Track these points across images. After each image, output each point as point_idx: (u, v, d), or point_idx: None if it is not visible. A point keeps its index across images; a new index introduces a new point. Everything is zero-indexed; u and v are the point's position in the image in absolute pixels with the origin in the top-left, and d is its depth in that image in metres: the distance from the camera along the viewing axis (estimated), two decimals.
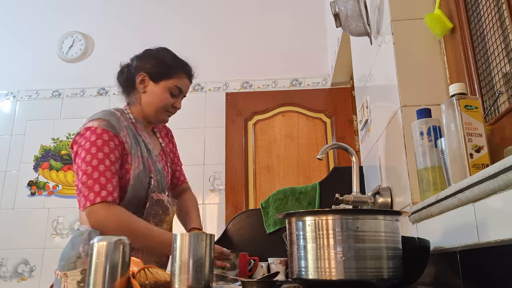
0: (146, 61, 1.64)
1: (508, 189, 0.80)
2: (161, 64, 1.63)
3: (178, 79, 1.64)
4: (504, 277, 0.79)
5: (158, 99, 1.62)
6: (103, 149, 1.45)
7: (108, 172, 1.43)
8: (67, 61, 4.05)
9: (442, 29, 1.44)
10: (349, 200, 1.66)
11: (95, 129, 1.47)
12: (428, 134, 1.25)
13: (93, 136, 1.46)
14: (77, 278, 1.40)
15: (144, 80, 1.62)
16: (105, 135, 1.47)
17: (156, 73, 1.61)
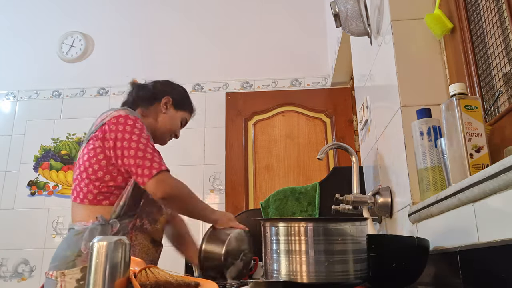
0: (172, 88, 1.86)
1: (508, 189, 0.80)
2: (184, 97, 1.89)
3: (188, 114, 1.89)
4: (504, 277, 0.79)
5: (173, 123, 1.82)
6: (144, 132, 1.58)
7: (156, 152, 1.56)
8: (67, 61, 4.05)
9: (442, 29, 1.44)
10: (349, 200, 1.66)
11: (127, 116, 1.59)
12: (428, 134, 1.25)
13: (129, 121, 1.57)
14: (76, 276, 1.41)
15: (167, 103, 1.81)
16: (139, 122, 1.60)
17: (180, 102, 1.85)
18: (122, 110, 1.64)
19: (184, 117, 1.87)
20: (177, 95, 1.86)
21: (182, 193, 1.57)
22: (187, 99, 1.90)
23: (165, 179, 1.51)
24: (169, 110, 1.82)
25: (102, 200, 1.56)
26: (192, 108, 1.92)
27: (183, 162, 3.54)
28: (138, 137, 1.54)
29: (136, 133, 1.55)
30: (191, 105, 1.91)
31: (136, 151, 1.51)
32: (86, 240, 1.46)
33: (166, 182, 1.51)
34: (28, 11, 4.23)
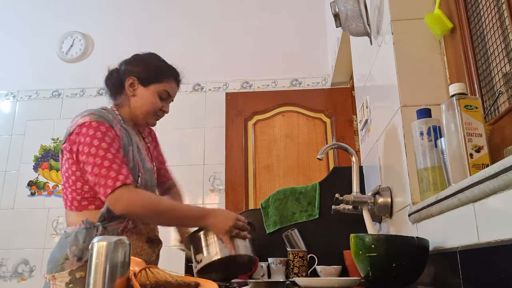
0: (136, 65, 1.67)
1: (508, 189, 0.80)
2: (151, 69, 1.66)
3: (167, 83, 1.67)
4: (504, 277, 0.79)
5: (147, 102, 1.64)
6: (105, 139, 1.45)
7: (117, 159, 1.44)
8: (67, 61, 4.05)
9: (442, 29, 1.44)
10: (349, 200, 1.66)
11: (90, 122, 1.48)
12: (428, 134, 1.25)
13: (90, 130, 1.46)
14: (65, 279, 1.41)
15: (134, 84, 1.64)
16: (102, 127, 1.47)
17: (146, 78, 1.64)
18: (88, 115, 1.51)
19: (161, 89, 1.66)
20: (141, 70, 1.66)
21: (145, 207, 1.45)
22: (157, 69, 1.68)
23: (120, 196, 1.40)
24: (137, 91, 1.65)
25: (87, 205, 1.52)
26: (169, 74, 1.70)
27: (183, 162, 3.54)
28: (96, 150, 1.43)
29: (94, 144, 1.44)
30: (165, 73, 1.69)
31: (92, 167, 1.42)
32: (71, 244, 1.45)
33: (122, 199, 1.40)
34: (28, 11, 4.23)
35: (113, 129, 1.50)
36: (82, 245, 1.43)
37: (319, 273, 1.88)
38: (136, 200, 1.43)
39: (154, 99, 1.64)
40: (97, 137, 1.45)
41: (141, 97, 1.64)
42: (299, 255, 1.83)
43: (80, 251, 1.43)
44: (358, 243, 1.09)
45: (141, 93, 1.64)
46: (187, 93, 3.78)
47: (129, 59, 1.72)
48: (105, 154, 1.42)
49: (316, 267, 1.89)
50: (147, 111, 1.65)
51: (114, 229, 1.47)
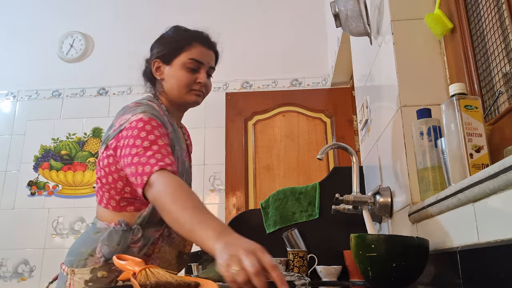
0: (156, 46, 1.54)
1: (508, 189, 0.80)
2: (168, 43, 1.50)
3: (191, 51, 1.47)
4: (504, 277, 0.79)
5: (176, 80, 1.46)
6: (154, 132, 1.30)
7: (163, 149, 1.26)
8: (67, 61, 4.05)
9: (442, 29, 1.44)
10: (349, 200, 1.66)
11: (142, 118, 1.33)
12: (428, 134, 1.25)
13: (140, 123, 1.31)
14: (86, 276, 1.32)
15: (159, 67, 1.50)
16: (154, 122, 1.33)
17: (166, 54, 1.48)
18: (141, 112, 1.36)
19: (186, 59, 1.46)
20: (160, 49, 1.51)
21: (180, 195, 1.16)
22: (174, 40, 1.50)
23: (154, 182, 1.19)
24: (164, 72, 1.49)
25: (126, 206, 1.40)
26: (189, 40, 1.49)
27: None
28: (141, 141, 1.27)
29: (141, 136, 1.28)
30: (184, 40, 1.49)
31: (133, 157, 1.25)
32: (103, 243, 1.35)
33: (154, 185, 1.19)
34: (28, 11, 4.23)
35: (164, 127, 1.36)
36: (115, 247, 1.33)
37: (319, 273, 1.88)
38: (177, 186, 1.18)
39: (180, 73, 1.46)
40: (146, 130, 1.30)
41: (169, 78, 1.47)
42: (299, 255, 1.83)
43: (111, 253, 1.32)
44: (358, 243, 1.10)
45: (168, 73, 1.48)
46: None
47: (153, 43, 1.58)
48: (150, 146, 1.25)
49: (316, 267, 1.89)
50: (179, 89, 1.47)
51: (151, 235, 1.38)
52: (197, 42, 1.48)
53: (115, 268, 1.26)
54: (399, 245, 1.06)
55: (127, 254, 1.26)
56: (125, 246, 1.34)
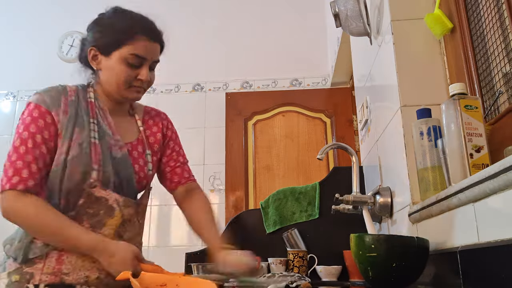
0: (94, 31, 1.36)
1: (508, 189, 0.80)
2: (109, 32, 1.32)
3: (133, 45, 1.31)
4: (504, 277, 0.79)
5: (113, 74, 1.32)
6: (30, 127, 1.24)
7: (29, 155, 1.21)
8: (67, 61, 4.04)
9: (442, 29, 1.44)
10: (349, 200, 1.66)
11: (29, 104, 1.28)
12: (428, 134, 1.25)
13: (25, 112, 1.27)
14: (5, 281, 1.25)
15: (96, 56, 1.34)
16: (35, 111, 1.25)
17: (105, 44, 1.32)
18: (35, 95, 1.31)
19: (126, 54, 1.30)
20: (99, 36, 1.34)
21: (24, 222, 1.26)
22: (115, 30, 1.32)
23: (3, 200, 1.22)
24: (101, 63, 1.34)
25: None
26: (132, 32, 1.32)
27: None
28: (16, 137, 1.25)
29: (19, 131, 1.25)
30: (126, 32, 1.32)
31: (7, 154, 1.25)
32: (7, 242, 1.32)
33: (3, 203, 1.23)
34: (28, 11, 4.23)
35: (49, 115, 1.26)
36: (16, 244, 1.28)
37: (319, 273, 1.88)
38: (16, 209, 1.22)
39: (119, 68, 1.31)
40: (25, 123, 1.25)
41: (106, 70, 1.33)
42: (299, 255, 1.83)
43: (14, 251, 1.27)
44: (358, 243, 1.09)
45: (106, 64, 1.33)
46: (187, 93, 3.78)
47: (90, 24, 1.40)
48: (19, 146, 1.22)
49: (316, 267, 1.89)
50: (117, 85, 1.32)
51: None
52: (140, 35, 1.33)
53: (27, 270, 1.24)
54: (399, 245, 1.06)
55: (31, 250, 1.25)
56: (26, 242, 1.26)
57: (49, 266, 1.24)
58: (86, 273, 1.25)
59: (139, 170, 1.39)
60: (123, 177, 1.34)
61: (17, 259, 1.25)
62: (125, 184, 1.35)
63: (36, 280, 1.22)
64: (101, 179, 1.28)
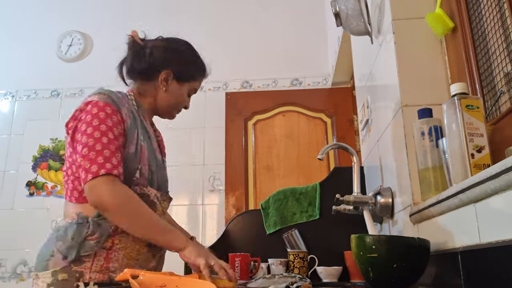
0: (172, 57, 1.55)
1: (509, 190, 0.79)
2: (189, 65, 1.58)
3: (198, 82, 1.61)
4: (505, 278, 0.78)
5: (176, 99, 1.55)
6: (106, 121, 1.32)
7: (112, 145, 1.30)
8: (66, 61, 4.04)
9: (443, 29, 1.44)
10: (350, 200, 1.66)
11: (97, 102, 1.36)
12: (429, 134, 1.25)
13: (94, 109, 1.34)
14: (47, 280, 1.28)
15: (167, 79, 1.52)
16: (108, 108, 1.35)
17: (184, 73, 1.55)
18: (97, 95, 1.40)
19: (192, 88, 1.58)
20: (180, 64, 1.54)
21: (120, 206, 1.28)
22: (194, 64, 1.59)
23: (98, 185, 1.26)
24: (170, 86, 1.53)
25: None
26: (202, 72, 1.61)
27: (183, 162, 3.53)
28: (92, 130, 1.30)
29: (93, 124, 1.31)
30: (199, 69, 1.60)
31: (83, 147, 1.29)
32: (58, 239, 1.32)
33: (99, 189, 1.26)
34: (26, 11, 4.23)
35: (119, 113, 1.37)
36: (70, 241, 1.29)
37: (320, 274, 1.87)
38: (114, 194, 1.27)
39: (182, 96, 1.56)
40: (99, 117, 1.32)
41: (172, 93, 1.53)
42: (299, 256, 1.83)
43: (66, 248, 1.29)
44: (359, 244, 1.09)
45: (174, 88, 1.54)
46: None
47: (163, 45, 1.57)
48: (101, 137, 1.29)
49: (317, 268, 1.88)
50: (172, 106, 1.56)
51: (108, 227, 1.33)
52: (204, 76, 1.63)
53: (76, 269, 1.27)
54: (400, 246, 1.06)
55: (83, 248, 1.28)
56: (80, 239, 1.29)
57: (97, 264, 1.29)
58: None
59: (165, 172, 1.58)
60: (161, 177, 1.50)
61: (68, 257, 1.28)
62: (162, 184, 1.51)
63: (86, 278, 1.27)
64: (150, 175, 1.42)
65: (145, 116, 1.53)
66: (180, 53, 1.58)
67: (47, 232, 1.42)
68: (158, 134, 1.63)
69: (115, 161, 1.29)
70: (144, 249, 1.38)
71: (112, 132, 1.32)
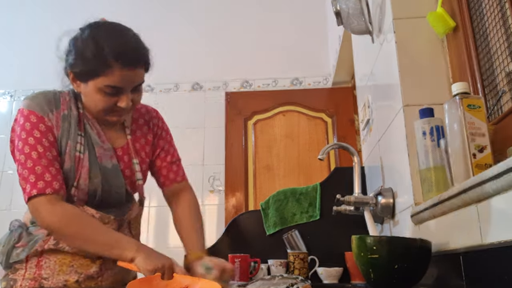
0: (71, 56, 1.33)
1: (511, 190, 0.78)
2: (83, 61, 1.26)
3: (108, 77, 1.23)
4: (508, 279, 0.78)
5: (92, 101, 1.29)
6: (33, 133, 1.24)
7: (44, 159, 1.22)
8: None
9: (445, 28, 1.43)
10: (351, 200, 1.65)
11: (22, 110, 1.28)
12: (431, 134, 1.24)
13: (21, 119, 1.27)
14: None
15: (74, 80, 1.33)
16: (32, 117, 1.25)
17: (80, 73, 1.28)
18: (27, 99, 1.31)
19: (101, 85, 1.24)
20: (76, 63, 1.29)
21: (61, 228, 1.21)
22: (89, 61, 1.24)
23: (36, 207, 1.21)
24: (79, 87, 1.31)
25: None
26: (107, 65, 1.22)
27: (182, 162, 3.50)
28: (22, 144, 1.24)
29: (22, 138, 1.25)
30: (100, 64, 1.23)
31: (18, 165, 1.25)
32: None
33: (38, 211, 1.21)
34: (26, 10, 4.23)
35: (45, 119, 1.26)
36: (1, 249, 1.28)
37: (320, 275, 1.86)
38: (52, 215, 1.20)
39: (97, 96, 1.27)
40: (25, 129, 1.25)
41: (85, 95, 1.31)
42: (299, 257, 1.82)
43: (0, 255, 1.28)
44: (360, 245, 1.08)
45: (84, 90, 1.30)
46: (186, 92, 3.76)
47: (69, 42, 1.38)
48: (30, 152, 1.22)
49: (317, 269, 1.88)
50: (96, 111, 1.31)
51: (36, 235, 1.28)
52: (116, 64, 1.22)
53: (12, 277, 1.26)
54: (401, 246, 1.05)
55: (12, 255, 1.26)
56: (9, 246, 1.27)
57: (30, 272, 1.25)
58: (65, 277, 1.26)
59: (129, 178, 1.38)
60: (113, 187, 1.33)
61: (2, 263, 1.27)
62: (113, 195, 1.34)
63: (18, 286, 1.24)
64: (83, 192, 1.28)
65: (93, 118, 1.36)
66: (75, 49, 1.32)
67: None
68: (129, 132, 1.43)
69: (48, 177, 1.21)
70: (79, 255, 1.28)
71: (41, 144, 1.24)
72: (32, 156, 1.22)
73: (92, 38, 1.27)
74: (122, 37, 1.29)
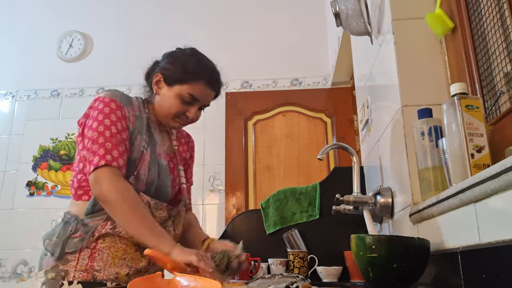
0: (167, 61, 1.52)
1: (509, 190, 0.79)
2: (180, 68, 1.47)
3: (193, 86, 1.46)
4: (505, 278, 0.78)
5: (167, 104, 1.47)
6: (110, 116, 1.36)
7: (114, 139, 1.32)
8: (66, 61, 4.04)
9: (443, 29, 1.44)
10: (350, 200, 1.66)
11: (103, 98, 1.40)
12: (429, 134, 1.25)
13: (100, 104, 1.38)
14: (41, 279, 1.31)
15: (160, 82, 1.49)
16: (113, 104, 1.38)
17: (171, 76, 1.47)
18: (106, 91, 1.44)
19: (185, 92, 1.45)
20: (170, 67, 1.49)
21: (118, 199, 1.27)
22: (184, 67, 1.47)
23: (100, 176, 1.28)
24: (161, 90, 1.49)
25: (82, 195, 1.39)
26: (197, 76, 1.46)
27: None
28: (97, 124, 1.34)
29: (98, 119, 1.35)
30: (193, 74, 1.46)
31: (88, 141, 1.33)
32: (46, 237, 1.36)
33: (100, 180, 1.27)
34: (27, 11, 4.23)
35: (124, 109, 1.40)
36: (55, 240, 1.33)
37: (320, 274, 1.87)
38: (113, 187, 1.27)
39: (174, 101, 1.46)
40: (104, 112, 1.36)
41: (164, 97, 1.48)
42: (299, 256, 1.83)
43: (51, 246, 1.33)
44: (359, 244, 1.09)
45: (165, 93, 1.48)
46: None
47: (170, 53, 1.56)
48: (104, 131, 1.33)
49: (317, 268, 1.89)
50: (166, 114, 1.49)
51: (92, 226, 1.33)
52: (202, 80, 1.48)
53: (62, 268, 1.29)
54: (400, 245, 1.06)
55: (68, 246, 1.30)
56: (64, 237, 1.32)
57: (82, 263, 1.30)
58: (117, 269, 1.32)
59: (173, 180, 1.53)
60: (163, 182, 1.46)
61: (54, 254, 1.31)
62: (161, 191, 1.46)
63: (70, 277, 1.28)
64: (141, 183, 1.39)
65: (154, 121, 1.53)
66: (174, 56, 1.53)
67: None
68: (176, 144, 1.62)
69: (116, 153, 1.31)
70: (131, 249, 1.36)
71: (115, 126, 1.35)
72: (105, 134, 1.33)
73: (194, 56, 1.53)
74: (213, 65, 1.55)
